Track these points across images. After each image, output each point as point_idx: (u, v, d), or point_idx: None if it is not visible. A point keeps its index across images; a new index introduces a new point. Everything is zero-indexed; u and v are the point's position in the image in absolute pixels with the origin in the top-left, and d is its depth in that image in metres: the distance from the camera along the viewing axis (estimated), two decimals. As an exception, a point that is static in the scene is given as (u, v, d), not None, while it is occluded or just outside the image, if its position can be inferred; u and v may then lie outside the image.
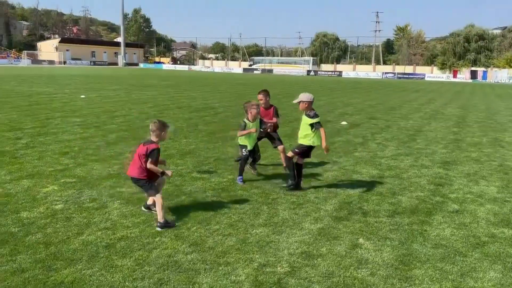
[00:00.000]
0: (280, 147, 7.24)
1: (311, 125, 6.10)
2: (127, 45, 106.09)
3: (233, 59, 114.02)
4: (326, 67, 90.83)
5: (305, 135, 6.25)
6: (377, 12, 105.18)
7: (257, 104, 6.77)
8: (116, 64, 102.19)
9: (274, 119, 7.28)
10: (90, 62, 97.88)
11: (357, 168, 7.94)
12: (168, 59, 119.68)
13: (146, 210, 5.31)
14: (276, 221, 5.17)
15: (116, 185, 6.36)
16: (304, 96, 6.20)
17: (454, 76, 70.36)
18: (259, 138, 7.18)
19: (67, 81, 31.84)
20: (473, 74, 68.53)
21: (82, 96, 19.63)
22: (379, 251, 4.43)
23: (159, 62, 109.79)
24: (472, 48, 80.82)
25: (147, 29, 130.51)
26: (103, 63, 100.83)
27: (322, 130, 6.14)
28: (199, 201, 5.81)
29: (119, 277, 3.73)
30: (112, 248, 4.27)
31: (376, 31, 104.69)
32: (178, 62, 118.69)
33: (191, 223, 5.01)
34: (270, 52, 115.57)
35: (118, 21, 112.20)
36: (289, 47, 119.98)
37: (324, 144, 6.10)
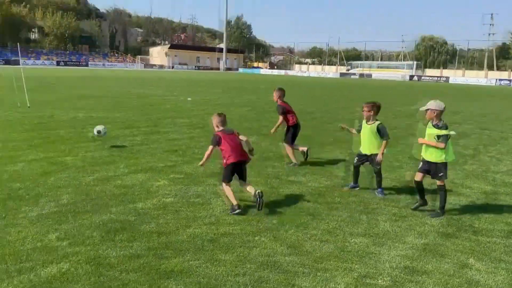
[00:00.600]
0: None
1: (438, 136, 5.42)
2: (228, 51, 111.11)
3: (330, 63, 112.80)
4: (431, 72, 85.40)
5: (432, 150, 5.51)
6: (492, 14, 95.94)
7: (371, 105, 6.28)
8: (218, 69, 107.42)
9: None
10: (195, 67, 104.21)
11: (467, 182, 7.36)
12: (266, 64, 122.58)
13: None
14: (376, 232, 5.02)
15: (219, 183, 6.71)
16: (434, 104, 5.45)
17: None
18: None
19: (175, 84, 34.31)
20: None
21: (189, 99, 21.01)
22: (492, 274, 4.07)
23: (256, 67, 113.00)
24: None
25: (248, 35, 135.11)
26: (205, 68, 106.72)
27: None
28: (296, 205, 5.87)
29: (222, 271, 3.93)
30: (216, 243, 4.52)
31: (489, 34, 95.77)
32: (275, 67, 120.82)
33: (289, 225, 5.09)
34: (370, 56, 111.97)
35: (221, 28, 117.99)
36: (390, 51, 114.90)
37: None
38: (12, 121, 12.06)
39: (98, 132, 9.32)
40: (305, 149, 8.21)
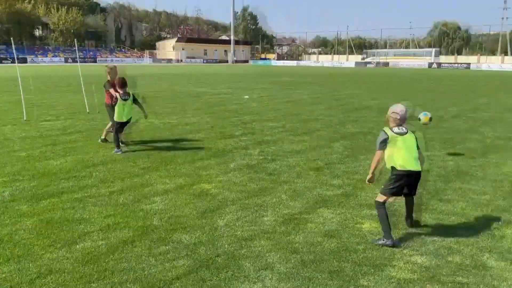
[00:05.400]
0: None
1: None
2: (236, 42, 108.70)
3: (339, 53, 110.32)
4: (446, 58, 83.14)
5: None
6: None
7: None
8: (226, 61, 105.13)
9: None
10: (203, 60, 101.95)
11: None
12: (274, 56, 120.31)
13: None
14: None
15: (448, 224, 4.93)
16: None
17: None
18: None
19: (208, 80, 32.24)
20: None
21: (246, 97, 19.11)
22: None
23: (266, 59, 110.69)
24: None
25: (254, 26, 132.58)
26: (213, 60, 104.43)
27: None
28: None
29: None
30: None
31: (503, 18, 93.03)
32: (285, 58, 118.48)
33: None
34: (381, 44, 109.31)
35: (222, 19, 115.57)
36: (399, 39, 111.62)
37: None
38: (87, 131, 10.22)
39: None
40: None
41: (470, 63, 71.82)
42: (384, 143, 4.49)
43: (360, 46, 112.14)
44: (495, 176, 6.85)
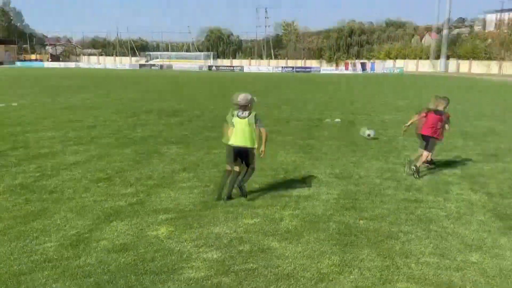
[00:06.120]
0: None
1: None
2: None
3: (121, 54, 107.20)
4: (222, 62, 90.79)
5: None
6: (266, 8, 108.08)
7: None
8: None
9: None
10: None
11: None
12: (47, 56, 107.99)
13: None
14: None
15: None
16: None
17: (346, 68, 76.07)
18: None
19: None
20: (363, 66, 75.16)
21: (14, 104, 16.39)
22: None
23: (37, 60, 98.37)
24: (354, 41, 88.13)
25: (18, 24, 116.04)
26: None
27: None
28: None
29: None
30: None
31: (266, 26, 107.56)
32: (60, 59, 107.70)
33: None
34: (162, 47, 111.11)
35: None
36: (176, 42, 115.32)
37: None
38: None
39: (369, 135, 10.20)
40: None
41: (243, 66, 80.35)
42: (231, 121, 5.58)
43: (143, 48, 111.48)
44: (272, 165, 7.79)
